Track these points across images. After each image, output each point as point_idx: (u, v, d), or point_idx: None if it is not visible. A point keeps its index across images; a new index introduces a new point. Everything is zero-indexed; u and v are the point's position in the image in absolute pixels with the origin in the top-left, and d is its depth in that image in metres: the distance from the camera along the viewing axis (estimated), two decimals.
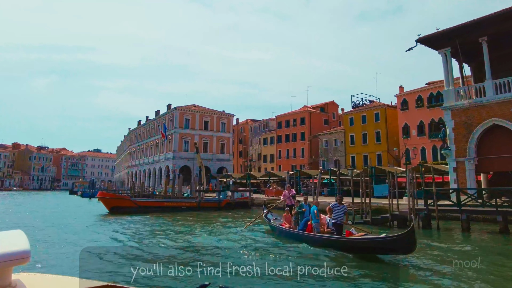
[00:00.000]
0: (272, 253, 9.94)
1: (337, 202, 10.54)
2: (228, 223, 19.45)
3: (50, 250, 10.81)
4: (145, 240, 13.15)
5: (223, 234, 14.51)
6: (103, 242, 11.74)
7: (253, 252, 9.67)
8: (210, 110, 61.97)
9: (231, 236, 13.89)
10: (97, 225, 18.67)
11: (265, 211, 15.64)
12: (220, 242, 12.19)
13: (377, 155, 48.33)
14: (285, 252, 9.85)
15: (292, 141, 60.06)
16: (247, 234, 14.06)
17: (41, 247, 11.30)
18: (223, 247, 10.66)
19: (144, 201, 27.34)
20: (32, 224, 19.22)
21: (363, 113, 50.53)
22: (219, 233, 14.85)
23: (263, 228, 15.66)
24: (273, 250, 10.41)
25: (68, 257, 10.04)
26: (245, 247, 10.71)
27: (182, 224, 19.39)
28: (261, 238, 13.08)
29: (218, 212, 27.64)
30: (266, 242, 12.16)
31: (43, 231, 15.04)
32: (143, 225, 18.48)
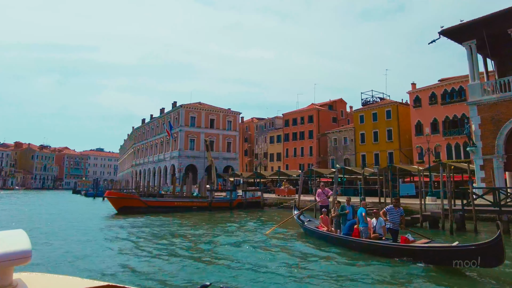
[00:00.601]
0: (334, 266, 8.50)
1: (392, 205, 9.44)
2: (247, 225, 18.18)
3: (78, 263, 9.68)
4: (163, 254, 11.03)
5: (249, 240, 12.89)
6: (127, 256, 10.24)
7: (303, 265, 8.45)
8: (216, 108, 60.88)
9: (262, 243, 12.16)
10: (109, 228, 17.56)
11: (296, 212, 14.31)
12: (253, 252, 10.31)
13: (389, 153, 47.17)
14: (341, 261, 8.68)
15: (299, 139, 58.92)
16: (277, 242, 12.18)
17: (64, 255, 10.30)
18: (260, 261, 9.01)
19: (154, 201, 26.27)
20: (43, 225, 18.19)
21: (374, 110, 49.35)
22: (243, 238, 13.33)
23: (289, 232, 14.43)
24: (332, 260, 9.06)
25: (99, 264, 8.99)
26: (288, 259, 9.22)
27: (196, 225, 18.27)
28: (300, 246, 11.24)
29: (230, 212, 26.59)
30: (310, 252, 10.32)
31: (58, 237, 13.83)
32: (157, 227, 17.36)
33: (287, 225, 15.53)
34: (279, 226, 14.28)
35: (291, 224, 15.73)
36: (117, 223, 19.60)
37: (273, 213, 26.43)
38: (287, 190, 32.63)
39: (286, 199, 31.79)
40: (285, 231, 14.54)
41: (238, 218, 22.20)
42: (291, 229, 14.87)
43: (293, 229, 14.79)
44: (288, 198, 31.96)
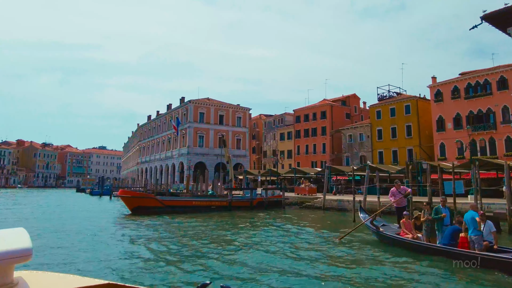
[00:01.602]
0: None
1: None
2: (290, 228, 15.92)
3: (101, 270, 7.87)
4: (212, 271, 8.37)
5: (319, 250, 10.36)
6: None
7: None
8: (225, 104, 58.96)
9: (334, 254, 9.71)
10: (126, 229, 15.68)
11: (363, 215, 11.99)
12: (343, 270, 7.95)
13: (408, 150, 45.20)
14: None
15: (312, 136, 56.97)
16: (356, 252, 9.96)
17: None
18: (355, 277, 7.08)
19: (171, 200, 24.40)
20: (55, 228, 16.34)
21: (391, 105, 47.37)
22: (308, 249, 10.48)
23: (358, 238, 12.24)
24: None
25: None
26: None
27: (231, 229, 16.35)
28: (384, 257, 9.03)
29: (251, 212, 24.73)
30: (403, 265, 8.09)
31: (78, 245, 11.83)
32: (182, 231, 15.45)
33: (341, 228, 13.59)
34: (352, 231, 11.85)
35: (347, 227, 13.79)
36: (136, 224, 17.72)
37: (300, 214, 24.54)
38: (308, 188, 30.75)
39: (307, 198, 29.94)
40: (352, 237, 12.39)
41: (268, 219, 20.30)
42: (357, 233, 12.63)
43: (360, 234, 12.64)
44: (310, 197, 30.11)
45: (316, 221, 19.25)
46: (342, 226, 17.04)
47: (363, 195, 23.87)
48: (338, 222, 19.31)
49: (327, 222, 19.04)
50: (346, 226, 16.78)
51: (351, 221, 18.45)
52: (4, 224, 18.05)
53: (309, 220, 20.38)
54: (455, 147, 41.02)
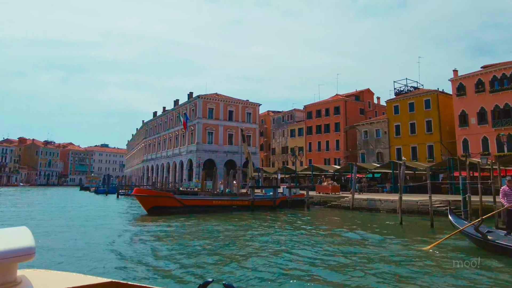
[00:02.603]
0: None
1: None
2: (347, 233, 13.68)
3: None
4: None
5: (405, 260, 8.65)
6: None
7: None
8: (235, 99, 57.05)
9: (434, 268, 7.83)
10: (152, 237, 13.85)
11: (455, 219, 10.22)
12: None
13: (428, 146, 43.34)
14: None
15: (324, 132, 55.12)
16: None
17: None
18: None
19: (190, 199, 22.56)
20: (68, 232, 14.58)
21: (410, 100, 45.46)
22: (402, 264, 8.47)
23: (452, 245, 10.32)
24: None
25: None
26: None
27: (268, 232, 14.51)
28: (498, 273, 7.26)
29: (277, 213, 22.95)
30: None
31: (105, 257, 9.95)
32: (215, 237, 13.61)
33: (403, 232, 11.68)
34: (445, 239, 9.85)
35: (408, 232, 11.79)
36: (157, 227, 15.92)
37: (331, 214, 22.71)
38: (331, 187, 28.91)
39: (331, 197, 28.10)
40: (446, 243, 10.41)
41: (305, 222, 18.46)
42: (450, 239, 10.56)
43: (452, 240, 10.68)
44: (334, 196, 28.28)
45: (360, 225, 17.30)
46: (399, 230, 15.19)
47: (399, 194, 22.09)
48: (387, 225, 17.37)
49: (374, 225, 17.10)
50: (407, 230, 14.94)
51: (398, 223, 16.67)
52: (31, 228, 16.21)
53: (350, 222, 18.57)
54: (479, 143, 39.19)
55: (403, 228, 15.89)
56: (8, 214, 21.75)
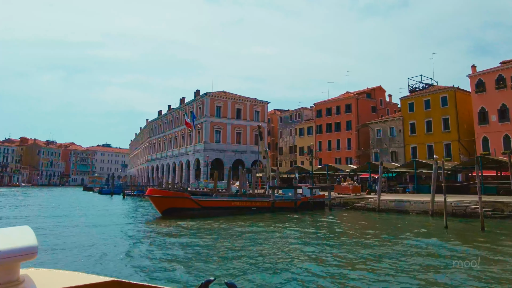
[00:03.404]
0: None
1: None
2: (410, 241, 11.77)
3: None
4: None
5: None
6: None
7: None
8: (242, 97, 55.61)
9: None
10: (174, 245, 12.37)
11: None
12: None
13: (445, 145, 41.80)
14: None
15: (335, 131, 53.61)
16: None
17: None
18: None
19: (208, 201, 21.09)
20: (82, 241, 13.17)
21: (426, 97, 43.93)
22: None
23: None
24: None
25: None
26: None
27: (310, 242, 12.95)
28: None
29: (300, 214, 21.49)
30: None
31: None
32: (250, 246, 12.09)
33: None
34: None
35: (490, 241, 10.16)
36: (177, 231, 14.46)
37: (356, 217, 21.24)
38: (352, 187, 27.42)
39: (352, 198, 26.62)
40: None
41: (331, 225, 16.98)
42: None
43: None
44: (356, 197, 26.81)
45: (402, 228, 15.73)
46: (452, 234, 13.69)
47: (431, 195, 20.62)
48: (432, 228, 15.85)
49: (418, 229, 15.53)
50: (461, 234, 13.45)
51: (443, 227, 15.17)
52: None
53: (387, 225, 17.08)
54: (500, 141, 37.67)
55: (453, 232, 14.39)
56: (21, 220, 20.27)
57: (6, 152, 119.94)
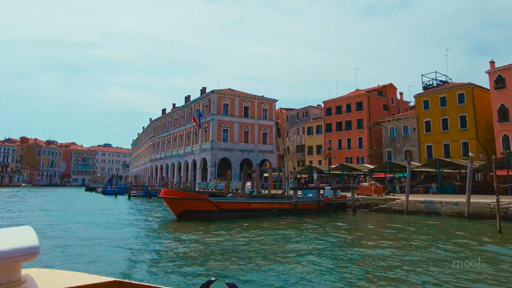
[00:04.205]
0: None
1: None
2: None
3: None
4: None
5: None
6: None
7: None
8: (250, 95, 54.14)
9: None
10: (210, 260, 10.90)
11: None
12: None
13: (462, 143, 40.32)
14: None
15: (345, 129, 52.14)
16: None
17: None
18: None
19: (226, 202, 19.62)
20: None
21: (441, 94, 42.45)
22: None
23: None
24: None
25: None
26: None
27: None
28: None
29: (326, 218, 20.02)
30: None
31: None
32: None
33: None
34: None
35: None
36: (205, 238, 12.99)
37: (385, 220, 19.76)
38: (374, 187, 25.95)
39: (375, 199, 25.14)
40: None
41: (363, 228, 15.48)
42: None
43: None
44: (379, 198, 25.35)
45: (449, 234, 14.22)
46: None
47: (466, 196, 19.15)
48: (483, 233, 14.32)
49: (469, 234, 14.03)
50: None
51: (496, 231, 13.69)
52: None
53: (427, 229, 15.60)
54: None
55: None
56: (38, 224, 18.82)
57: (7, 152, 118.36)
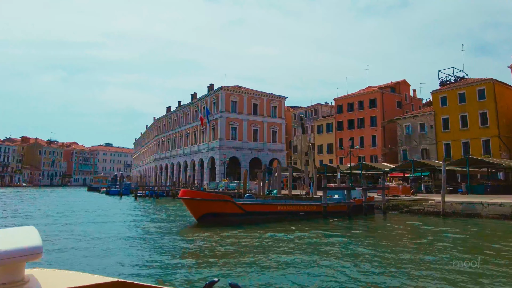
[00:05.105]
0: None
1: None
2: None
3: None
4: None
5: None
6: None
7: None
8: (259, 92, 52.49)
9: None
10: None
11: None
12: None
13: (483, 141, 38.70)
14: None
15: (358, 127, 50.52)
16: None
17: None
18: None
19: (252, 204, 17.96)
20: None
21: (460, 90, 40.81)
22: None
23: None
24: None
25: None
26: None
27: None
28: None
29: (357, 221, 18.41)
30: None
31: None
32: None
33: None
34: None
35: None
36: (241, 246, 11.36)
37: (424, 222, 18.12)
38: (402, 188, 24.33)
39: (405, 200, 23.53)
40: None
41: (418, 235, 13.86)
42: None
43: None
44: (406, 198, 23.74)
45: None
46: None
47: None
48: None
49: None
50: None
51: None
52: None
53: (484, 233, 13.97)
54: None
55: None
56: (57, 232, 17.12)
57: (7, 152, 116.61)
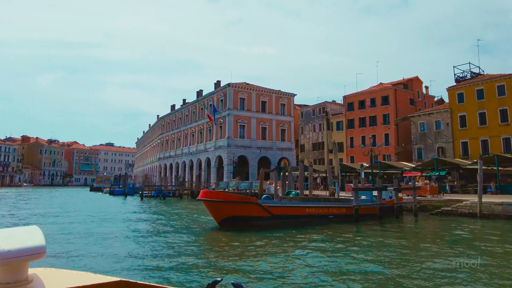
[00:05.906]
0: None
1: None
2: None
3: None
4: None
5: None
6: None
7: None
8: (267, 89, 51.04)
9: None
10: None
11: None
12: None
13: (504, 139, 37.24)
14: None
15: (369, 125, 49.05)
16: None
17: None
18: None
19: (279, 207, 16.49)
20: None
21: (478, 86, 39.34)
22: None
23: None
24: None
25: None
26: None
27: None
28: None
29: (390, 225, 16.96)
30: None
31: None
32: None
33: None
34: None
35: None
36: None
37: (462, 226, 16.68)
38: (430, 187, 22.88)
39: (434, 201, 22.09)
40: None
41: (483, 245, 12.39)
42: None
43: None
44: (434, 199, 22.30)
45: None
46: None
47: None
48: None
49: None
50: None
51: None
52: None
53: None
54: None
55: None
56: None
57: (7, 151, 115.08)
